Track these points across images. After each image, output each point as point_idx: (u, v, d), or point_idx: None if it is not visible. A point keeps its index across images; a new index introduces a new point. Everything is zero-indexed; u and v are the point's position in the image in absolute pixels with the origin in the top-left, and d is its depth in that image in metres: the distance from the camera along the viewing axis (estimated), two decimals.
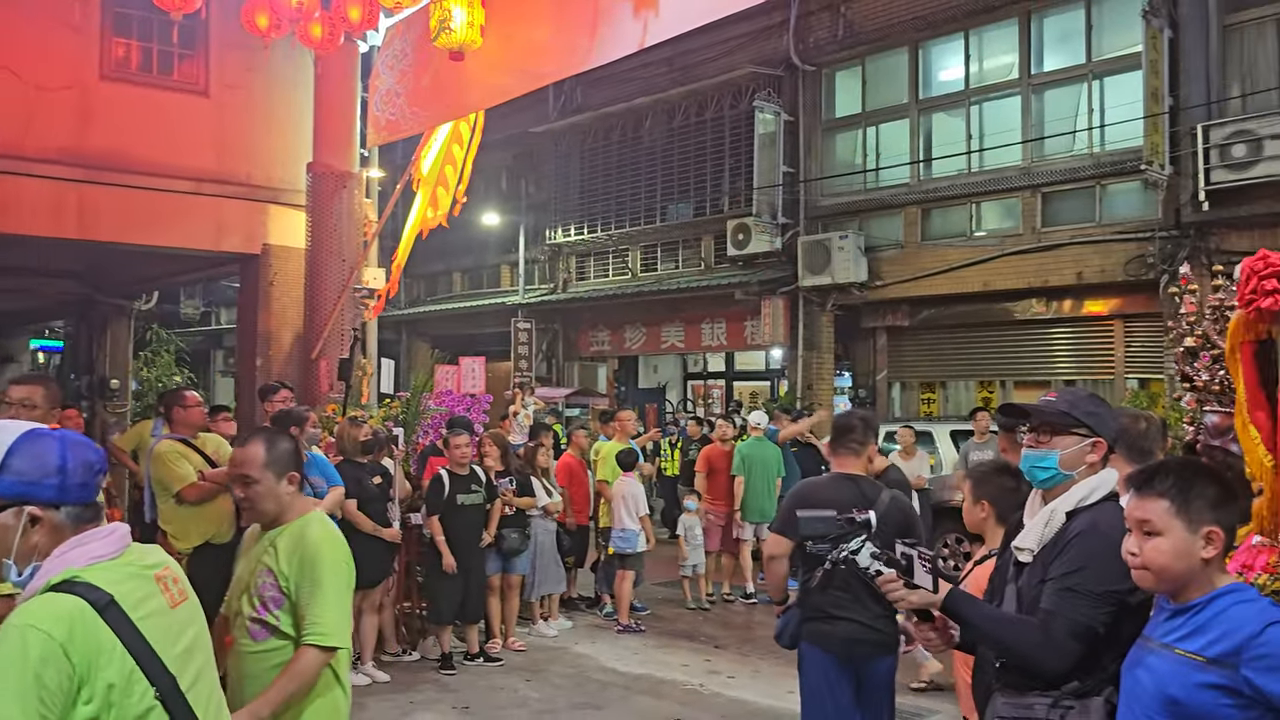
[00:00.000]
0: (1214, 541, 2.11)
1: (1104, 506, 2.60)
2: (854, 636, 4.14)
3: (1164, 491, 2.15)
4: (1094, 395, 2.80)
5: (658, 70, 16.30)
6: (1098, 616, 2.44)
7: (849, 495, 4.15)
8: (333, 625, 2.85)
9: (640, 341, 17.59)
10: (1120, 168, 11.85)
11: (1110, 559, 2.44)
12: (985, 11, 13.08)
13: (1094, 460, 2.64)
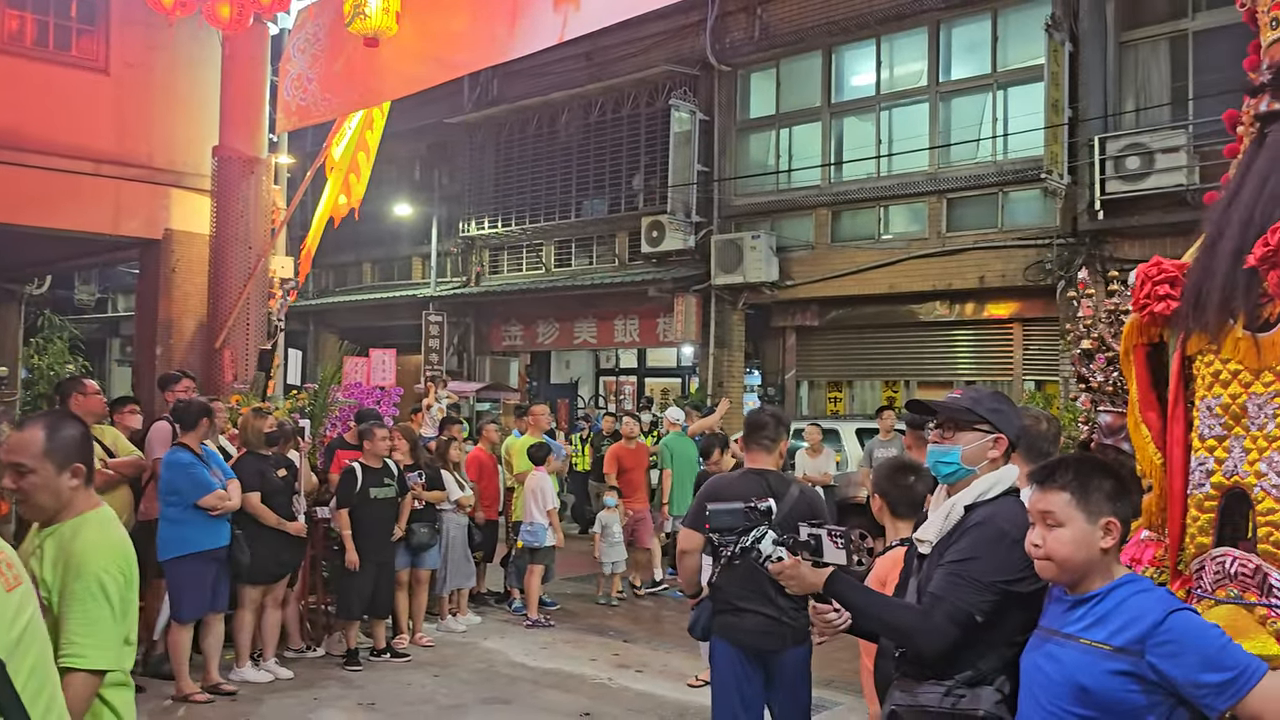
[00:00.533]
0: (1112, 532, 2.22)
1: (1003, 501, 2.68)
2: (762, 629, 4.21)
3: (1065, 485, 2.25)
4: (998, 393, 2.89)
5: (575, 65, 16.27)
6: (979, 605, 2.51)
7: (757, 490, 4.17)
8: (92, 643, 2.41)
9: (553, 337, 17.55)
10: (1021, 176, 12.24)
11: (1001, 550, 2.54)
12: (896, 19, 13.37)
13: (995, 456, 2.72)
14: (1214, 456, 2.64)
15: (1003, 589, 2.51)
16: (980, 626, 2.53)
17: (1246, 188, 2.64)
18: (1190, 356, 2.75)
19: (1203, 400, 2.69)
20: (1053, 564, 2.26)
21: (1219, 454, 2.62)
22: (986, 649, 2.54)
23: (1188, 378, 2.77)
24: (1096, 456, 2.50)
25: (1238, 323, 2.56)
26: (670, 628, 8.64)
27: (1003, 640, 2.55)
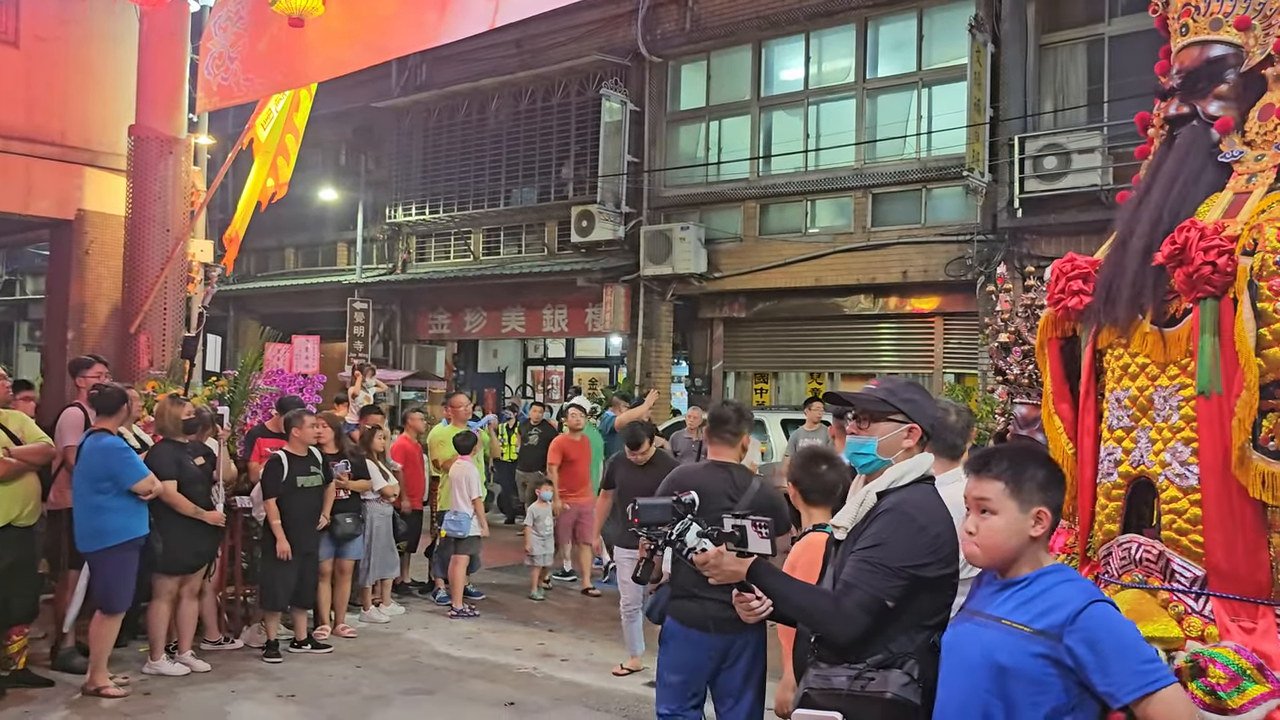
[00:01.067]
0: (1042, 521, 2.27)
1: (915, 487, 2.74)
2: (719, 615, 4.26)
3: (1000, 474, 2.30)
4: (912, 383, 2.94)
5: (505, 52, 16.15)
6: (890, 590, 2.57)
7: (720, 482, 4.37)
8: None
9: (480, 325, 17.42)
10: (944, 173, 12.48)
11: (909, 536, 2.60)
12: (825, 15, 13.52)
13: (910, 445, 2.77)
14: (1122, 447, 2.74)
15: (911, 574, 2.57)
16: (890, 611, 2.59)
17: (1156, 188, 2.74)
18: (1101, 350, 2.85)
19: (1112, 392, 2.80)
20: (982, 551, 2.32)
21: (1126, 444, 2.72)
22: (897, 633, 2.60)
23: (1099, 371, 2.87)
24: (1032, 447, 2.57)
25: (1146, 318, 2.66)
26: (596, 617, 8.67)
27: (913, 624, 2.61)
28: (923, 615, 2.62)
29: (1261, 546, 2.42)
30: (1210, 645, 2.42)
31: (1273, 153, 2.58)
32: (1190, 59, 2.77)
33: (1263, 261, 2.39)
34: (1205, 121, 2.70)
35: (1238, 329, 2.40)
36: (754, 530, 2.75)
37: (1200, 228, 2.49)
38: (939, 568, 2.62)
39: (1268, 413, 2.38)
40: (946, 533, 2.68)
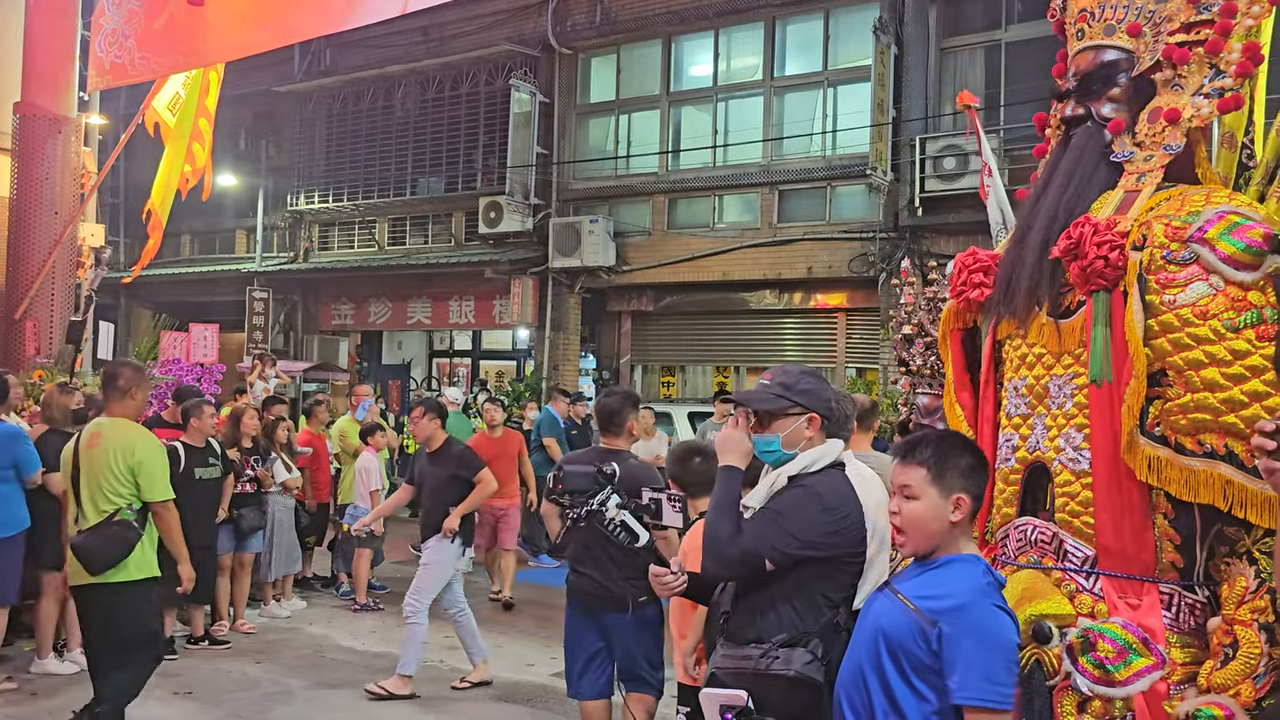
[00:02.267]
0: (961, 507, 2.34)
1: (826, 472, 2.84)
2: (593, 590, 4.55)
3: (923, 461, 2.37)
4: (806, 370, 2.99)
5: (412, 39, 15.91)
6: (774, 554, 2.66)
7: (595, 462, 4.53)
8: None
9: (385, 316, 17.16)
10: (848, 171, 12.74)
11: (813, 512, 2.71)
12: (734, 12, 13.66)
13: (811, 434, 2.86)
14: (1019, 433, 2.85)
15: (804, 547, 2.66)
16: (785, 584, 2.68)
17: (1053, 185, 2.86)
18: (1000, 341, 2.96)
19: (1010, 381, 2.91)
20: (905, 535, 2.39)
21: (1024, 431, 2.83)
22: (803, 609, 2.69)
23: (998, 360, 2.98)
24: (958, 435, 2.65)
25: (1043, 310, 2.77)
26: (504, 610, 8.63)
27: (822, 604, 2.70)
28: (827, 595, 2.70)
29: (1147, 527, 2.55)
30: (1099, 621, 2.54)
31: (1160, 154, 2.72)
32: (1085, 62, 2.89)
33: (1151, 256, 2.52)
34: (1099, 123, 2.83)
35: (1128, 320, 2.52)
36: (669, 505, 2.83)
37: (1094, 224, 2.60)
38: (841, 548, 2.71)
39: (1154, 400, 2.50)
40: (853, 516, 2.76)
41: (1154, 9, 2.78)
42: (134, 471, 4.64)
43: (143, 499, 4.68)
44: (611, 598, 4.49)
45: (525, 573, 10.15)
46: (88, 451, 4.68)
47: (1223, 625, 2.43)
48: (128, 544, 4.58)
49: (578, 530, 4.15)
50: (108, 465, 4.60)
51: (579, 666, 4.63)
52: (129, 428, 4.77)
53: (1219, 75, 2.69)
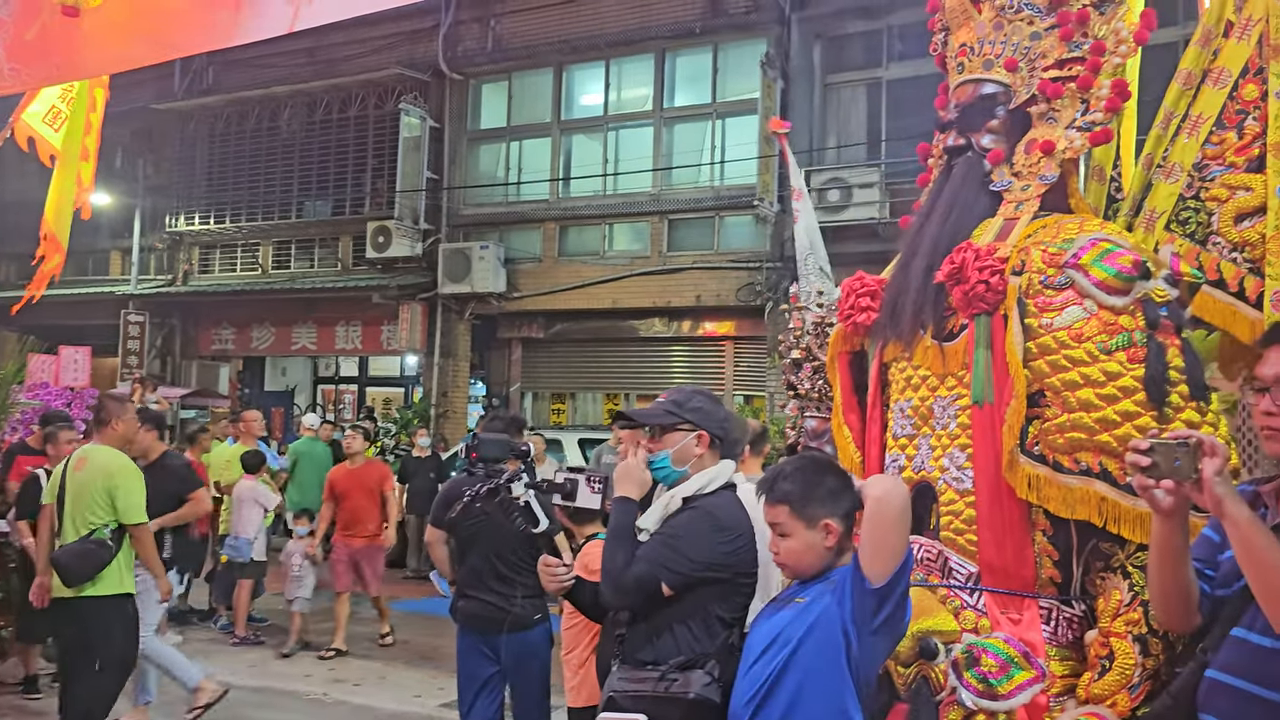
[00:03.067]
0: (831, 532, 2.37)
1: (720, 494, 2.86)
2: (482, 614, 4.52)
3: (783, 497, 2.41)
4: (699, 391, 3.02)
5: (298, 59, 15.59)
6: (671, 578, 2.67)
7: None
8: None
9: (269, 342, 16.66)
10: (736, 202, 12.96)
11: (708, 534, 2.72)
12: (625, 44, 13.80)
13: (700, 452, 2.87)
14: (905, 454, 2.93)
15: (699, 569, 2.68)
16: (682, 606, 2.68)
17: (936, 213, 2.96)
18: (887, 363, 3.03)
19: (896, 403, 2.98)
20: (787, 569, 2.45)
21: (910, 451, 2.91)
22: (699, 631, 2.69)
23: (884, 383, 3.06)
24: (817, 458, 2.69)
25: (927, 333, 2.86)
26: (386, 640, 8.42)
27: (718, 625, 2.71)
28: (721, 614, 2.72)
29: (1027, 544, 2.64)
30: (983, 636, 2.62)
31: (1037, 183, 2.84)
32: (965, 95, 3.01)
33: (1029, 281, 2.62)
34: (979, 153, 2.94)
35: (1008, 343, 2.62)
36: (587, 485, 2.81)
37: (975, 250, 2.70)
38: (735, 570, 2.74)
39: (1033, 420, 2.60)
40: (746, 536, 2.79)
41: (1029, 45, 2.91)
42: (111, 494, 4.95)
43: (119, 520, 4.96)
44: (506, 618, 4.48)
45: (410, 602, 9.95)
46: (74, 475, 5.02)
47: (1099, 638, 2.52)
48: (101, 561, 4.86)
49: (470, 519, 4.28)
50: (89, 488, 4.94)
51: (470, 695, 4.57)
52: (111, 454, 5.06)
53: (1090, 110, 2.82)
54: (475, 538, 4.64)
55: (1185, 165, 2.91)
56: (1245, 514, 1.89)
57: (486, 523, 4.60)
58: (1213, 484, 1.88)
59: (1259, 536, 1.87)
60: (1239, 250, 2.79)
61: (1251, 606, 2.00)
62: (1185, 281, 2.68)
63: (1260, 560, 1.86)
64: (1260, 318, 2.69)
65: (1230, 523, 1.90)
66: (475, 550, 4.65)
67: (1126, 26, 2.85)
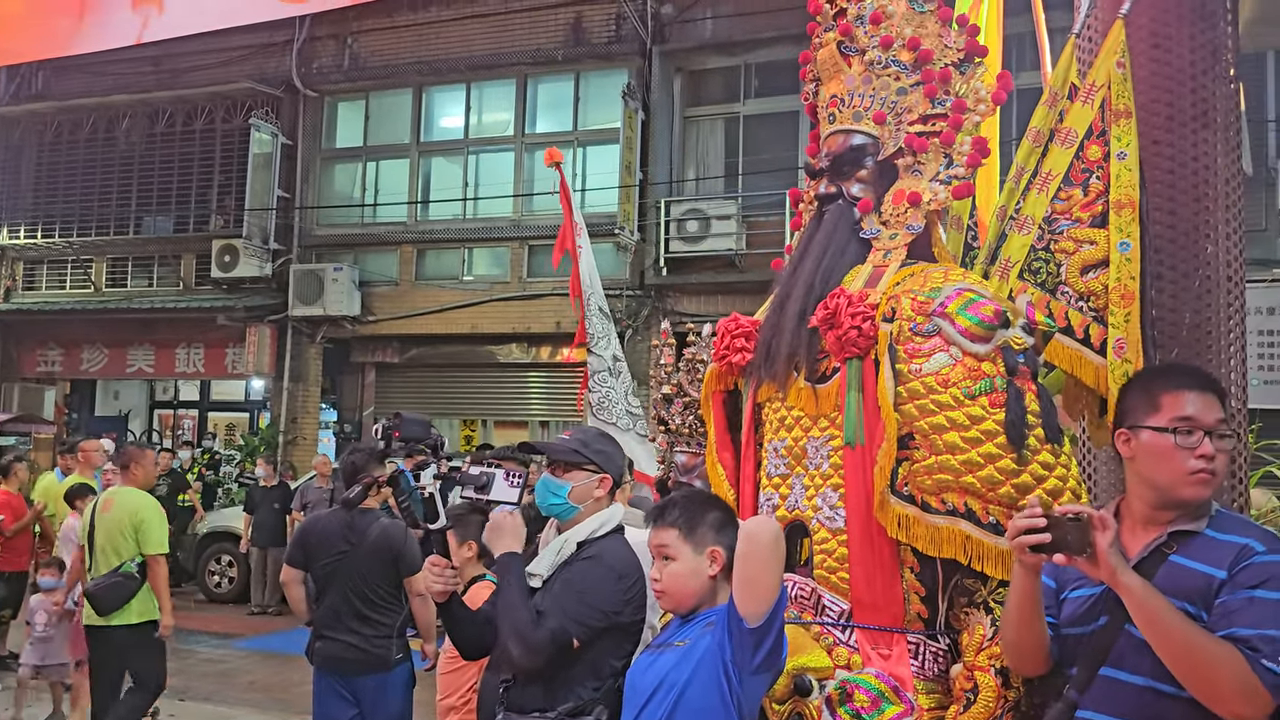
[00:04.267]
0: (717, 560, 2.43)
1: (611, 537, 2.88)
2: (342, 655, 4.42)
3: (673, 522, 2.46)
4: (604, 434, 3.07)
5: (142, 68, 14.91)
6: (581, 631, 2.66)
7: (338, 525, 4.59)
8: None
9: (101, 364, 15.75)
10: (597, 230, 12.91)
11: (610, 583, 2.73)
12: (486, 68, 13.75)
13: (600, 495, 2.89)
14: (779, 493, 2.98)
15: (606, 619, 2.68)
16: (582, 656, 2.66)
17: (809, 257, 3.04)
18: (761, 403, 3.09)
19: (770, 442, 3.04)
20: (669, 595, 2.45)
21: (783, 490, 2.96)
22: (588, 678, 2.68)
23: (758, 422, 3.11)
24: (705, 493, 2.75)
25: (801, 375, 2.93)
26: (236, 683, 8.05)
27: (607, 671, 2.72)
28: (613, 661, 2.72)
29: (896, 581, 2.72)
30: (855, 672, 2.68)
31: (904, 233, 2.95)
32: (836, 145, 3.10)
33: (900, 328, 2.72)
34: (849, 201, 3.04)
35: (879, 387, 2.70)
36: (504, 480, 2.75)
37: (848, 295, 2.78)
38: (631, 614, 2.76)
39: (903, 461, 2.68)
40: (640, 581, 2.81)
41: (896, 100, 3.03)
42: (136, 529, 5.56)
43: (142, 551, 5.55)
44: (367, 659, 4.40)
45: (256, 639, 9.55)
46: (102, 515, 5.68)
47: (964, 671, 2.61)
48: (129, 592, 5.48)
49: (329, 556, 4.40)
50: (117, 525, 5.56)
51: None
52: (135, 494, 5.72)
53: (953, 164, 2.96)
54: (334, 575, 4.52)
55: (1036, 218, 3.08)
56: (1139, 583, 2.00)
57: (346, 560, 4.49)
58: (1107, 556, 1.99)
59: (1155, 601, 1.98)
60: (1085, 300, 2.96)
61: (1118, 645, 2.12)
62: (1040, 329, 2.83)
63: (1161, 626, 1.97)
64: (1104, 363, 2.86)
65: (1125, 592, 2.00)
66: (334, 589, 4.52)
67: (985, 87, 3.00)
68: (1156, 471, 2.17)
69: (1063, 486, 2.63)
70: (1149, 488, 2.19)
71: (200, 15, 6.29)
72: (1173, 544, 2.14)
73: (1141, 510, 2.22)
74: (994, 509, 2.59)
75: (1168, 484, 2.15)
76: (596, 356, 6.31)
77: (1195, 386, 2.19)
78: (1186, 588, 2.06)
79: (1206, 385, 2.21)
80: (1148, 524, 2.19)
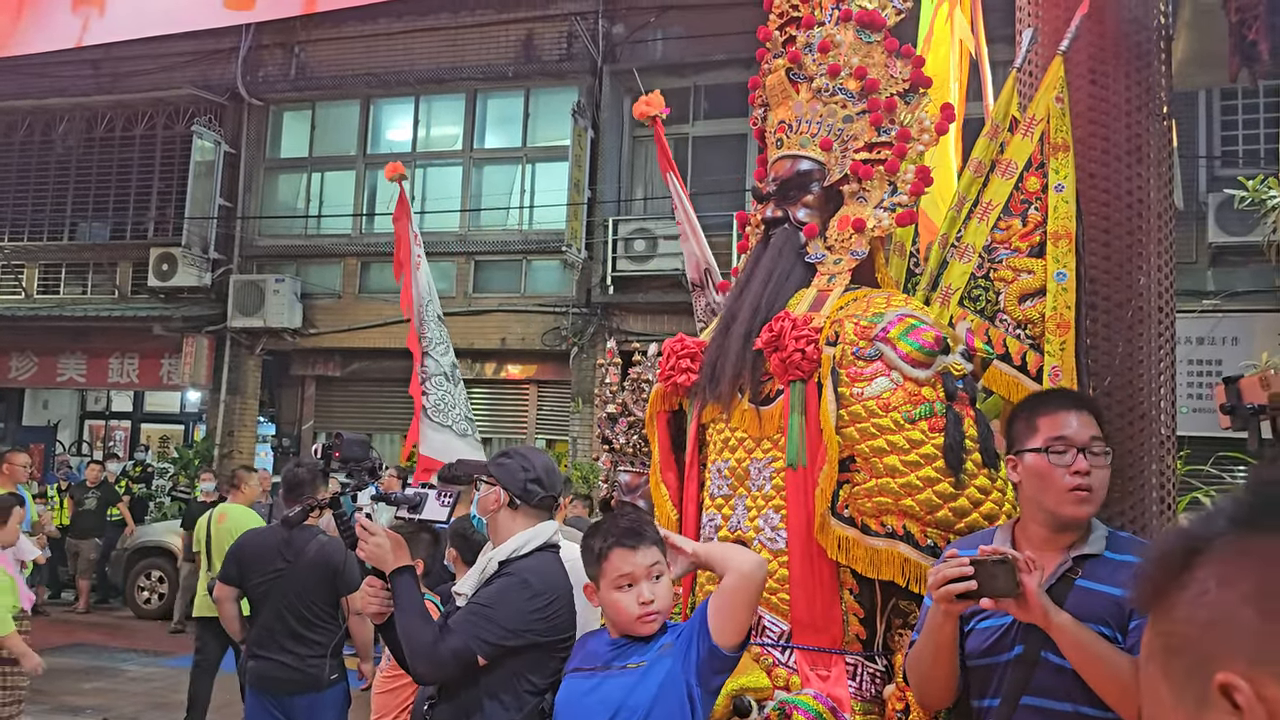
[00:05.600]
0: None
1: (537, 555, 2.84)
2: (277, 675, 4.38)
3: (655, 540, 2.47)
4: (518, 451, 3.03)
5: (80, 71, 14.60)
6: (485, 648, 2.65)
7: (275, 542, 4.58)
8: None
9: (30, 372, 15.33)
10: (544, 246, 13.03)
11: (522, 601, 2.71)
12: (435, 81, 13.69)
13: (495, 508, 2.88)
14: (721, 513, 2.99)
15: (513, 636, 2.67)
16: (490, 674, 2.66)
17: (755, 280, 3.06)
18: (705, 424, 3.10)
19: (714, 463, 3.05)
20: (665, 613, 2.43)
21: (726, 511, 2.98)
22: (503, 695, 2.68)
23: (702, 443, 3.12)
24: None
25: (745, 397, 2.95)
26: (163, 701, 7.85)
27: (525, 689, 2.70)
28: (533, 682, 2.70)
29: (836, 603, 2.75)
30: (794, 693, 2.69)
31: (848, 258, 2.99)
32: (783, 169, 3.14)
33: (843, 352, 2.75)
34: (795, 225, 3.08)
35: (822, 410, 2.73)
36: (436, 499, 2.78)
37: (793, 319, 2.81)
38: (551, 634, 2.73)
39: (844, 484, 2.71)
40: (562, 600, 2.78)
41: (843, 127, 3.08)
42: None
43: None
44: (302, 679, 4.36)
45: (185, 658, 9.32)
46: (217, 525, 6.76)
47: (896, 692, 2.64)
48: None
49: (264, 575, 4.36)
50: (228, 537, 6.00)
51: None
52: (243, 510, 6.87)
53: (896, 192, 3.01)
54: (269, 594, 4.46)
55: (977, 247, 3.15)
56: (1070, 620, 2.04)
57: (282, 578, 4.43)
58: (1038, 598, 2.03)
59: (1084, 635, 2.03)
60: (1022, 328, 3.03)
61: (1038, 673, 2.16)
62: (979, 356, 2.88)
63: (1093, 658, 2.02)
64: (1040, 389, 2.93)
65: (1057, 631, 2.04)
66: (268, 607, 4.47)
67: (929, 117, 3.06)
68: (1040, 492, 2.24)
69: (998, 510, 2.68)
70: (1039, 509, 2.27)
71: (142, 19, 6.16)
72: (1077, 569, 2.19)
73: (1038, 534, 2.28)
74: (932, 532, 2.63)
75: (1052, 504, 2.22)
76: (433, 360, 6.50)
77: (1068, 406, 2.28)
78: (1098, 610, 2.11)
79: (1080, 404, 2.30)
80: (1046, 548, 2.24)
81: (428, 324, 6.63)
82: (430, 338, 6.61)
